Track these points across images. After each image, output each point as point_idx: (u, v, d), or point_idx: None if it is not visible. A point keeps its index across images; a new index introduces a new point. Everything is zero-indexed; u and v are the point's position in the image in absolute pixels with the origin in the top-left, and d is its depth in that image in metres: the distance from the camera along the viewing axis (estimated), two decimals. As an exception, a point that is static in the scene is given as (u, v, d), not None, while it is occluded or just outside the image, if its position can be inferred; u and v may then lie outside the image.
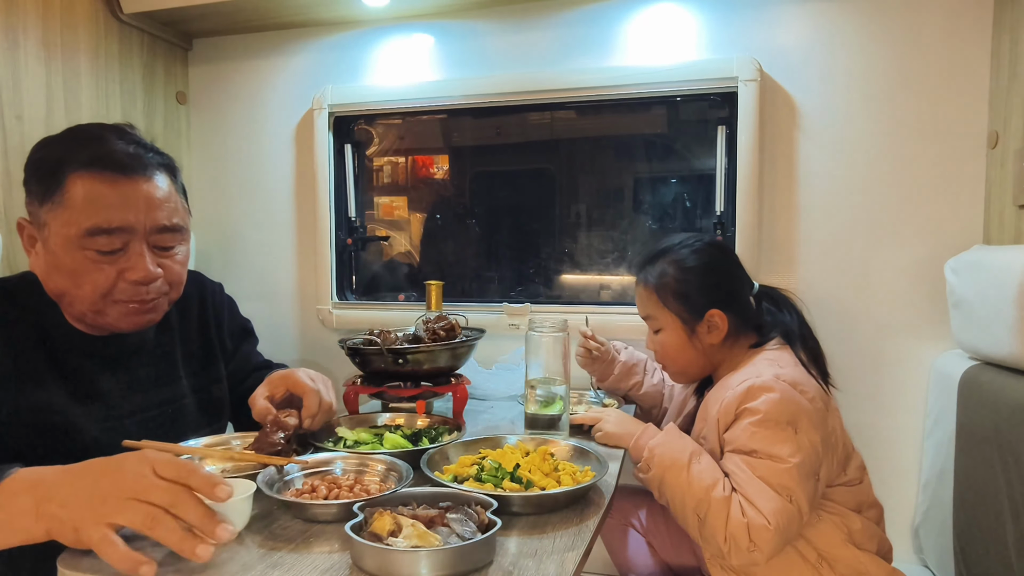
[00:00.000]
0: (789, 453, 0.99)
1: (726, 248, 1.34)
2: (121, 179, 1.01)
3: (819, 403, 1.07)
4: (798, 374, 1.09)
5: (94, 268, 1.01)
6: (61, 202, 1.00)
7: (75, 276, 1.01)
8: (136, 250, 1.03)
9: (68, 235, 0.99)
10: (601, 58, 1.77)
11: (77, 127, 1.09)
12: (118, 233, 1.01)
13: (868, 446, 1.61)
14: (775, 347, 1.18)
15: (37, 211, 1.02)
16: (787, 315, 1.22)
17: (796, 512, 0.98)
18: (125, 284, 1.03)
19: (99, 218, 0.99)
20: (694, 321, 1.20)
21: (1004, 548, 1.15)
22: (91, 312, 1.04)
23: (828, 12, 1.62)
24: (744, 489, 0.99)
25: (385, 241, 2.09)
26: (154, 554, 0.77)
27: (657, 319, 1.24)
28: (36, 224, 1.04)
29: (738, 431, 1.04)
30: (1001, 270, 1.21)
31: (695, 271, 1.21)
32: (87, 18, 1.73)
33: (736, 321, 1.19)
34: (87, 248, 1.00)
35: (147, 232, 1.04)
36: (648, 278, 1.24)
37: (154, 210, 1.04)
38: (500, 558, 0.78)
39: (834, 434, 1.08)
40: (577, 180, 1.97)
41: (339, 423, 1.23)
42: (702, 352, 1.21)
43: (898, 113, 1.58)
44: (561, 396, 1.27)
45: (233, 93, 2.05)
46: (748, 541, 0.95)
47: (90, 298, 1.02)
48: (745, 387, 1.05)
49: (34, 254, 1.06)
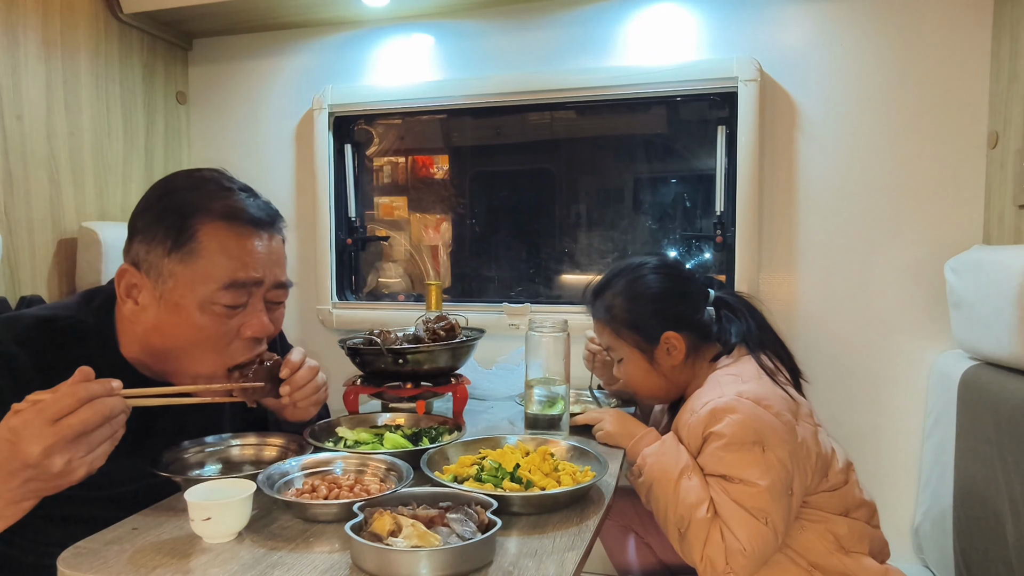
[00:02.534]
0: (759, 476, 0.99)
1: (673, 266, 1.30)
2: (253, 232, 0.99)
3: (786, 416, 1.05)
4: (761, 387, 1.08)
5: (215, 325, 0.97)
6: (194, 252, 0.95)
7: (195, 334, 0.97)
8: (256, 306, 1.01)
9: (200, 289, 0.96)
10: (601, 58, 1.77)
11: (195, 173, 1.05)
12: (248, 287, 0.99)
13: (868, 446, 1.62)
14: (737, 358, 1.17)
15: (159, 260, 0.96)
16: (743, 322, 1.22)
17: (772, 534, 0.98)
18: (240, 342, 1.00)
19: (236, 272, 0.96)
20: (651, 348, 1.20)
21: (1004, 548, 1.15)
22: (213, 380, 1.00)
23: (828, 12, 1.62)
24: (722, 513, 0.99)
25: (385, 241, 2.09)
26: (153, 556, 0.77)
27: (617, 350, 1.25)
28: (152, 273, 0.97)
29: (707, 456, 1.04)
30: (1001, 270, 1.21)
31: (643, 299, 1.21)
32: (87, 18, 1.73)
33: (693, 338, 1.19)
34: (215, 303, 0.96)
35: (267, 287, 1.02)
36: (599, 313, 1.25)
37: (276, 266, 1.03)
38: (500, 558, 0.77)
39: (804, 445, 1.06)
40: (577, 180, 1.97)
41: (339, 423, 1.23)
42: (665, 375, 1.21)
43: (898, 113, 1.58)
44: (561, 396, 1.27)
45: (233, 93, 2.06)
46: (724, 564, 0.97)
47: (210, 361, 0.99)
48: (708, 410, 1.05)
49: (134, 305, 0.99)
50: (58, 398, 0.76)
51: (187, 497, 0.80)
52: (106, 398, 0.79)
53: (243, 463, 1.08)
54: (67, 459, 0.75)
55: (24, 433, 0.74)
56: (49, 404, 0.75)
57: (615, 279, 1.25)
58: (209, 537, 0.81)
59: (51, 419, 0.75)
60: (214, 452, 1.09)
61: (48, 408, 0.75)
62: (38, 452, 0.74)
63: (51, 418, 0.75)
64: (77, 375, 0.79)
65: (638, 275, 1.23)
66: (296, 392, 1.04)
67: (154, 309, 0.98)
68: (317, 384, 1.08)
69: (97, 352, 0.99)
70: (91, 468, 0.79)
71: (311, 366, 1.07)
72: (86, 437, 0.77)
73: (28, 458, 0.74)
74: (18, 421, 0.75)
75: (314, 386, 1.07)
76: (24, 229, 1.60)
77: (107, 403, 0.78)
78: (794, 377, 1.18)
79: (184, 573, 0.73)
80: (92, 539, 0.80)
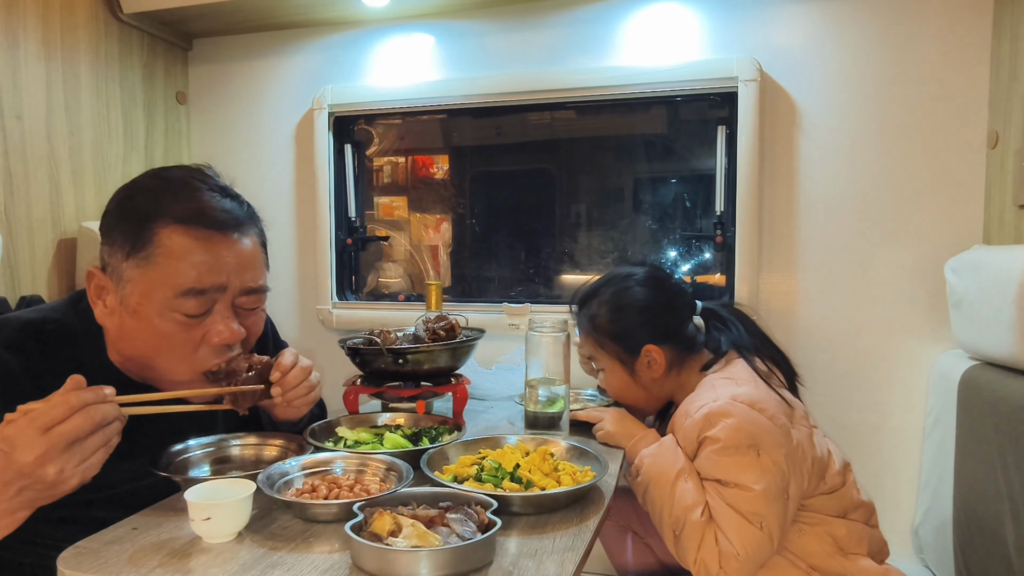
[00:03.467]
0: (754, 480, 0.99)
1: (659, 279, 1.29)
2: (216, 236, 0.96)
3: (780, 419, 1.05)
4: (756, 391, 1.08)
5: (178, 332, 0.95)
6: (150, 258, 0.93)
7: (158, 341, 0.95)
8: (220, 312, 0.98)
9: (157, 296, 0.93)
10: (601, 58, 1.77)
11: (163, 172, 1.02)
12: (210, 294, 0.96)
13: (868, 446, 1.62)
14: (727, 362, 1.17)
15: (119, 264, 0.95)
16: (733, 330, 1.22)
17: (766, 538, 0.98)
18: (208, 348, 0.98)
19: (194, 279, 0.94)
20: (632, 359, 1.21)
21: (1004, 548, 1.15)
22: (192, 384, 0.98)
23: (828, 12, 1.62)
24: (717, 517, 0.99)
25: (385, 241, 2.09)
26: (153, 556, 0.77)
27: (598, 360, 1.27)
28: (114, 277, 0.96)
29: (703, 460, 1.04)
30: (1001, 270, 1.21)
31: (626, 310, 1.22)
32: (87, 18, 1.73)
33: (675, 351, 1.20)
34: (175, 311, 0.94)
35: (234, 294, 0.99)
36: (582, 323, 1.26)
37: (244, 271, 0.99)
38: (500, 558, 0.77)
39: (800, 447, 1.06)
40: (577, 180, 1.97)
41: (339, 423, 1.23)
42: (645, 387, 1.22)
43: (898, 113, 1.58)
44: (561, 396, 1.27)
45: (233, 93, 2.05)
46: (718, 568, 0.97)
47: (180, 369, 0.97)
48: (703, 414, 1.05)
49: (103, 307, 0.98)
50: (49, 407, 0.76)
51: (187, 497, 0.80)
52: (99, 405, 0.79)
53: (243, 463, 1.08)
54: (59, 468, 0.75)
55: (17, 442, 0.75)
56: (41, 413, 0.75)
57: (600, 289, 1.26)
58: (209, 537, 0.81)
59: (43, 428, 0.75)
60: (214, 452, 1.09)
61: (40, 417, 0.75)
62: (31, 460, 0.74)
63: (43, 427, 0.75)
64: (69, 383, 0.79)
65: (623, 287, 1.24)
66: (288, 392, 1.03)
67: (118, 314, 0.97)
68: (310, 384, 1.07)
69: (86, 356, 0.99)
70: (84, 477, 0.79)
71: (303, 366, 1.06)
72: (79, 445, 0.77)
73: (22, 467, 0.74)
74: (11, 431, 0.75)
75: (307, 386, 1.07)
76: (24, 229, 1.60)
77: (100, 410, 0.78)
78: (790, 380, 1.18)
79: (184, 573, 0.73)
80: (92, 539, 0.80)
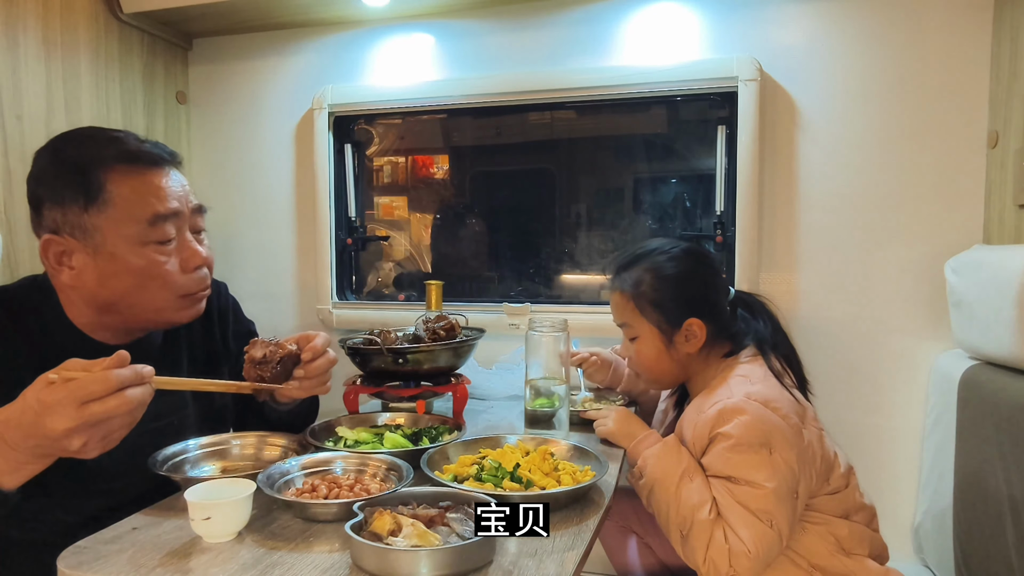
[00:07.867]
0: (766, 478, 0.98)
1: (705, 254, 1.29)
2: (153, 170, 1.03)
3: (793, 419, 1.04)
4: (770, 390, 1.07)
5: (157, 262, 1.01)
6: (108, 202, 0.98)
7: (143, 275, 1.01)
8: (185, 238, 1.06)
9: (129, 232, 0.99)
10: (601, 58, 1.77)
11: (72, 132, 1.07)
12: (173, 219, 1.02)
13: (868, 446, 1.62)
14: (748, 358, 1.16)
15: (79, 219, 0.98)
16: (760, 322, 1.21)
17: (776, 536, 0.98)
18: (187, 276, 1.05)
19: (156, 206, 1.00)
20: (672, 331, 1.18)
21: (1004, 548, 1.15)
22: (168, 310, 1.05)
23: (828, 12, 1.62)
24: (726, 514, 0.99)
25: (385, 241, 2.09)
26: (153, 556, 0.77)
27: (633, 327, 1.22)
28: (78, 233, 0.99)
29: (713, 457, 1.03)
30: (1001, 270, 1.21)
31: (673, 280, 1.18)
32: (87, 18, 1.73)
33: (713, 330, 1.18)
34: (150, 241, 1.00)
35: (188, 218, 1.06)
36: (624, 285, 1.22)
37: (187, 195, 1.07)
38: (500, 558, 0.78)
39: (810, 448, 1.06)
40: (577, 180, 1.97)
41: (339, 423, 1.23)
42: (678, 361, 1.19)
43: (898, 113, 1.58)
44: (561, 396, 1.27)
45: (233, 93, 2.05)
46: (728, 567, 0.96)
47: (163, 296, 1.03)
48: (716, 410, 1.04)
49: (69, 271, 1.01)
50: (91, 380, 0.77)
51: (187, 497, 0.80)
52: (135, 390, 0.80)
53: (243, 463, 1.08)
54: (84, 441, 0.78)
55: (53, 409, 0.76)
56: (80, 386, 0.76)
57: (648, 255, 1.22)
58: (209, 537, 0.81)
59: (80, 401, 0.76)
60: (214, 452, 1.09)
61: (79, 390, 0.76)
62: (60, 430, 0.76)
63: (80, 400, 0.76)
64: (114, 359, 0.80)
65: (672, 255, 1.20)
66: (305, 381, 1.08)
67: (92, 266, 1.00)
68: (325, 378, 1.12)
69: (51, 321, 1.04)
70: (104, 449, 0.81)
71: (330, 358, 1.11)
72: (107, 423, 0.79)
73: (49, 432, 0.76)
74: (49, 397, 0.76)
75: (321, 379, 1.11)
76: (24, 229, 1.60)
77: (135, 396, 0.80)
78: (801, 386, 1.17)
79: (184, 573, 0.73)
80: (92, 539, 0.80)
